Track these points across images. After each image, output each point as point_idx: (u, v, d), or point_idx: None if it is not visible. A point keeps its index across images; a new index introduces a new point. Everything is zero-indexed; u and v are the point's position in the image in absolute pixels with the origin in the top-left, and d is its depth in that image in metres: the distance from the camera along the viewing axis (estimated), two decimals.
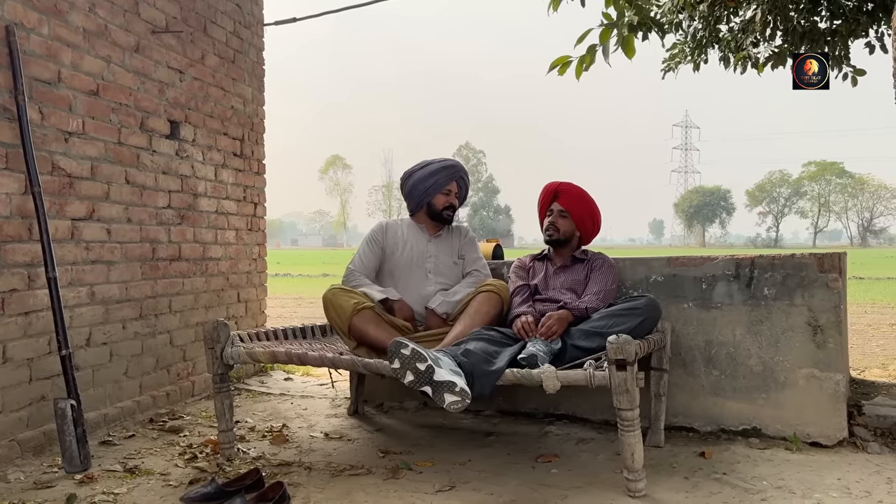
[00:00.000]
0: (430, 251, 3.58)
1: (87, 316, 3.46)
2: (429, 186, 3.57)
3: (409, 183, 3.65)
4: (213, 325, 3.05)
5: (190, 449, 3.22)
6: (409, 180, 3.65)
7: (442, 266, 3.57)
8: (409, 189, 3.65)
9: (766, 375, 3.29)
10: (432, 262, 3.56)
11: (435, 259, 3.57)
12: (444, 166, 3.61)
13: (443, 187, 3.59)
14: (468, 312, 3.24)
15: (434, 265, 3.55)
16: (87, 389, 3.40)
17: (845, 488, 2.65)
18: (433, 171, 3.59)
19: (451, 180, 3.61)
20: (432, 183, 3.57)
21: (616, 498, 2.57)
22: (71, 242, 3.37)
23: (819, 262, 3.23)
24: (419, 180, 3.59)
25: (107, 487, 2.71)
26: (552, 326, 2.98)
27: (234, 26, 4.78)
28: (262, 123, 5.16)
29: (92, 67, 3.49)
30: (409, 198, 3.69)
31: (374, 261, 3.58)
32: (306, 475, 2.87)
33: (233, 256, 4.77)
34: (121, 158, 3.69)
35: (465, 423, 3.70)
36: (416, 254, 3.55)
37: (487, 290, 3.29)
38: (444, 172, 3.59)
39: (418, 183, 3.59)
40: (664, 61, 6.80)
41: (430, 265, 3.55)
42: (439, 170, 3.59)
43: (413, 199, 3.65)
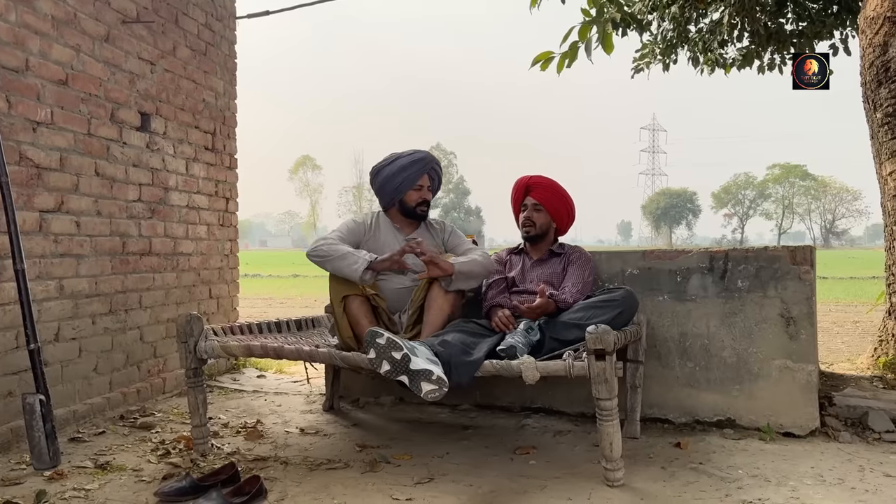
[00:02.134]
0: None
1: (56, 310, 3.38)
2: (399, 183, 3.40)
3: (378, 180, 3.47)
4: (186, 318, 3.00)
5: (162, 445, 3.16)
6: (377, 177, 3.47)
7: (419, 265, 3.35)
8: (378, 186, 3.47)
9: (739, 367, 3.33)
10: (410, 260, 3.32)
11: (413, 257, 3.32)
12: (414, 160, 3.42)
13: (414, 182, 3.41)
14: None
15: (413, 263, 3.31)
16: (56, 385, 3.32)
17: (819, 476, 2.68)
18: (402, 166, 3.40)
19: (421, 174, 3.43)
20: (402, 179, 3.39)
21: (595, 488, 2.58)
22: (39, 235, 3.29)
23: (791, 254, 3.28)
24: (389, 177, 3.41)
25: (77, 483, 2.64)
26: (537, 308, 2.98)
27: (207, 18, 4.72)
28: (234, 117, 5.09)
29: (61, 56, 3.41)
30: (380, 195, 3.51)
31: (352, 242, 3.32)
32: (282, 470, 2.83)
33: (204, 252, 4.71)
34: (90, 150, 3.61)
35: (442, 417, 3.69)
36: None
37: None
38: (414, 167, 3.41)
39: (388, 180, 3.41)
40: (634, 61, 6.88)
41: (409, 263, 3.32)
42: (409, 164, 3.41)
43: (384, 197, 3.47)
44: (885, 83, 4.06)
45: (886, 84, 4.04)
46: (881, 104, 4.10)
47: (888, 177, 4.14)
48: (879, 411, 3.24)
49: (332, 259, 3.14)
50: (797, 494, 2.49)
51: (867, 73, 4.24)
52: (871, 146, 4.43)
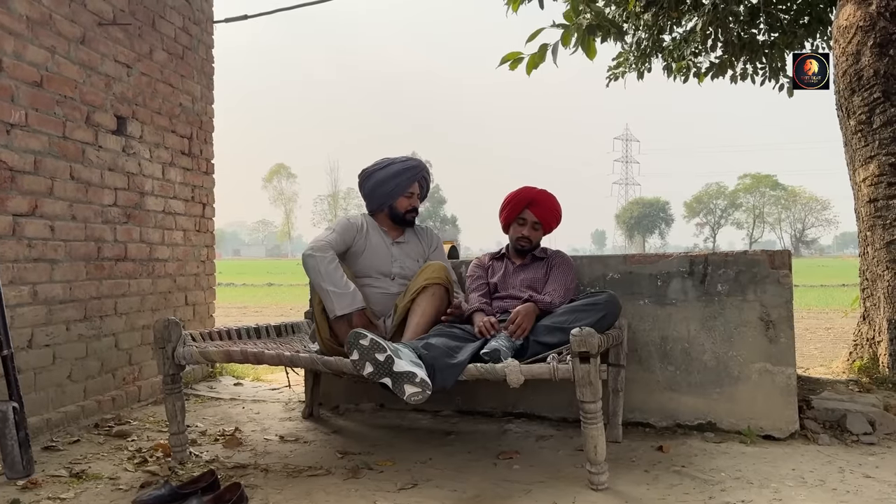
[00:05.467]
0: (394, 255, 3.40)
1: (30, 316, 3.31)
2: (391, 190, 3.37)
3: (368, 184, 3.43)
4: (163, 323, 2.95)
5: (139, 453, 3.10)
6: (368, 181, 3.43)
7: (407, 270, 3.38)
8: (368, 190, 3.43)
9: (719, 370, 3.35)
10: (397, 268, 3.37)
11: (400, 263, 3.38)
12: (407, 167, 3.40)
13: (406, 189, 3.39)
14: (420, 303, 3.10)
15: (400, 270, 3.37)
16: (29, 393, 3.25)
17: (800, 478, 2.70)
18: (395, 172, 3.37)
19: (413, 181, 3.42)
20: (394, 186, 3.37)
21: (579, 491, 2.57)
22: (12, 239, 3.22)
23: (770, 258, 3.31)
24: (380, 182, 3.38)
25: (52, 493, 2.58)
26: (521, 323, 2.91)
27: (184, 22, 4.67)
28: (210, 122, 5.04)
29: (35, 57, 3.35)
30: (368, 199, 3.46)
31: (340, 252, 3.27)
32: (263, 477, 2.78)
33: (180, 258, 4.64)
34: (65, 153, 3.55)
35: (423, 423, 3.66)
36: (380, 259, 3.36)
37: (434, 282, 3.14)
38: (406, 174, 3.38)
39: (379, 185, 3.38)
40: (609, 69, 6.94)
41: (397, 270, 3.36)
42: (401, 171, 3.38)
43: (374, 201, 3.44)
44: (858, 91, 4.13)
45: (859, 92, 4.11)
46: (854, 112, 4.17)
47: (862, 183, 4.21)
48: (857, 414, 3.28)
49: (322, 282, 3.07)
50: (780, 496, 2.51)
51: (840, 81, 4.31)
52: (845, 153, 4.50)
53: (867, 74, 4.04)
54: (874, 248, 4.17)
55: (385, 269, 3.36)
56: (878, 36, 3.99)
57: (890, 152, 3.97)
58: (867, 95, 4.06)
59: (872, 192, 4.10)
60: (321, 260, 3.09)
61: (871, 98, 4.03)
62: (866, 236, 4.28)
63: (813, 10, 5.84)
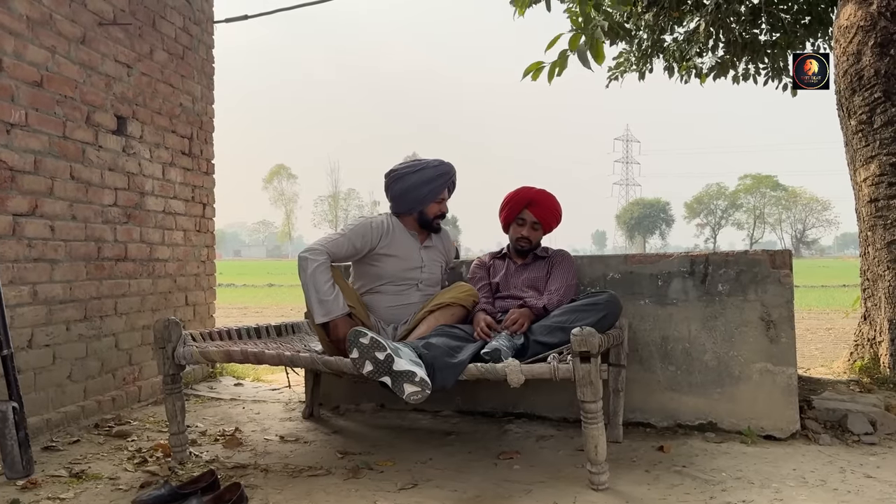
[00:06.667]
0: (423, 260, 3.35)
1: (30, 316, 3.31)
2: (424, 195, 3.28)
3: (398, 186, 3.31)
4: (164, 323, 2.94)
5: (139, 453, 3.10)
6: (398, 183, 3.31)
7: (432, 277, 3.37)
8: (398, 193, 3.32)
9: (720, 370, 3.34)
10: (426, 273, 3.34)
11: (428, 269, 3.35)
12: (440, 173, 3.31)
13: (437, 195, 3.31)
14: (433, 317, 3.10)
15: (427, 276, 3.34)
16: (29, 393, 3.25)
17: (801, 478, 2.70)
18: (428, 178, 3.27)
19: (445, 187, 3.34)
20: (427, 192, 3.28)
21: (580, 491, 2.57)
22: (12, 239, 3.21)
23: (771, 258, 3.31)
24: (412, 187, 3.27)
25: (52, 493, 2.57)
26: (517, 319, 2.96)
27: (184, 22, 4.67)
28: (211, 122, 5.04)
29: (35, 57, 3.35)
30: (397, 201, 3.35)
31: (347, 257, 3.22)
32: (263, 477, 2.78)
33: (181, 258, 4.64)
34: (65, 153, 3.55)
35: (423, 423, 3.66)
36: (409, 264, 3.31)
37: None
38: (440, 180, 3.30)
39: (411, 189, 3.28)
40: (610, 69, 6.94)
41: (424, 276, 3.33)
42: (435, 177, 3.29)
43: (403, 204, 3.34)
44: (858, 91, 4.12)
45: (860, 92, 4.11)
46: (855, 111, 4.17)
47: (862, 183, 4.20)
48: (858, 414, 3.27)
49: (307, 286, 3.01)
50: (781, 496, 2.50)
51: (841, 81, 4.31)
52: (846, 153, 4.50)
53: (868, 74, 4.04)
54: (875, 248, 4.17)
55: (413, 274, 3.31)
56: (879, 36, 3.99)
57: (891, 152, 3.96)
58: (868, 95, 4.05)
59: (873, 192, 4.10)
60: (311, 263, 3.03)
61: (872, 98, 4.03)
62: (867, 236, 4.27)
63: (813, 10, 5.84)
